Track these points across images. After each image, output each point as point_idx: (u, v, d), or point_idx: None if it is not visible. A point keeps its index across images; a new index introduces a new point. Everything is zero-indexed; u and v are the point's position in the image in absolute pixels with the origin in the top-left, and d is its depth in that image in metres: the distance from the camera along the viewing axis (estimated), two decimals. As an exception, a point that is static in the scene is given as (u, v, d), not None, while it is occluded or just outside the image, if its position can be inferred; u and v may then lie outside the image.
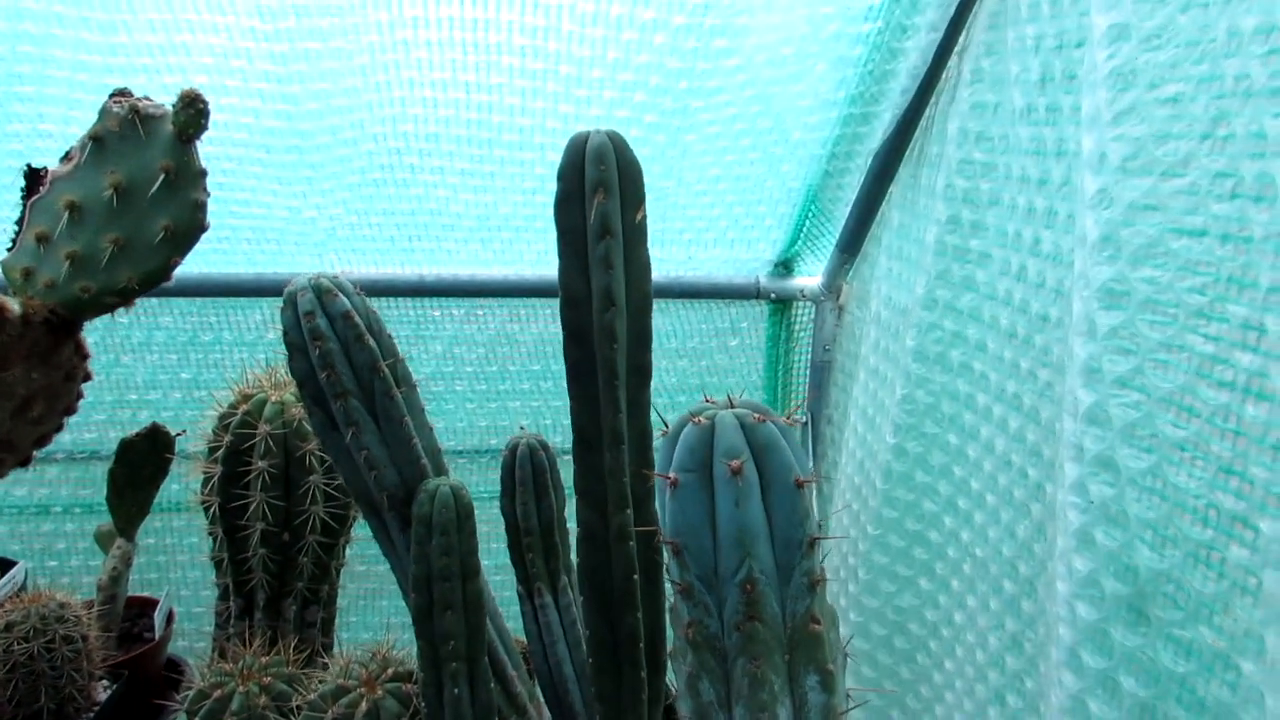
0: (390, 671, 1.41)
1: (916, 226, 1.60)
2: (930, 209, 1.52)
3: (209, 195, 0.94)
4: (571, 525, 1.64)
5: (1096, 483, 0.98)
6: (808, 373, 2.15)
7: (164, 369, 2.04)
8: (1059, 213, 1.19)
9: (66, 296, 0.91)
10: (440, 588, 1.22)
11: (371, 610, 2.14)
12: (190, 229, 0.92)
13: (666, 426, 0.79)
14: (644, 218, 1.14)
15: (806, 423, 2.17)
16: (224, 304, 2.04)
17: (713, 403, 0.79)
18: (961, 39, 1.48)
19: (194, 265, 1.98)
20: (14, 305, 0.86)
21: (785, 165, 1.78)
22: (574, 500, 1.23)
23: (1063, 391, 1.14)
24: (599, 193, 1.09)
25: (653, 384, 1.21)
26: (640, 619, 1.15)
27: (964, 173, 1.40)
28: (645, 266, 1.15)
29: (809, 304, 2.12)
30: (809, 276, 2.09)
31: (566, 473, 1.57)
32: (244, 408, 1.60)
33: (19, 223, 0.93)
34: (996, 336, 1.33)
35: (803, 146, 1.74)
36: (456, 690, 1.22)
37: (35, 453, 0.95)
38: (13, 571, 1.73)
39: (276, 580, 1.66)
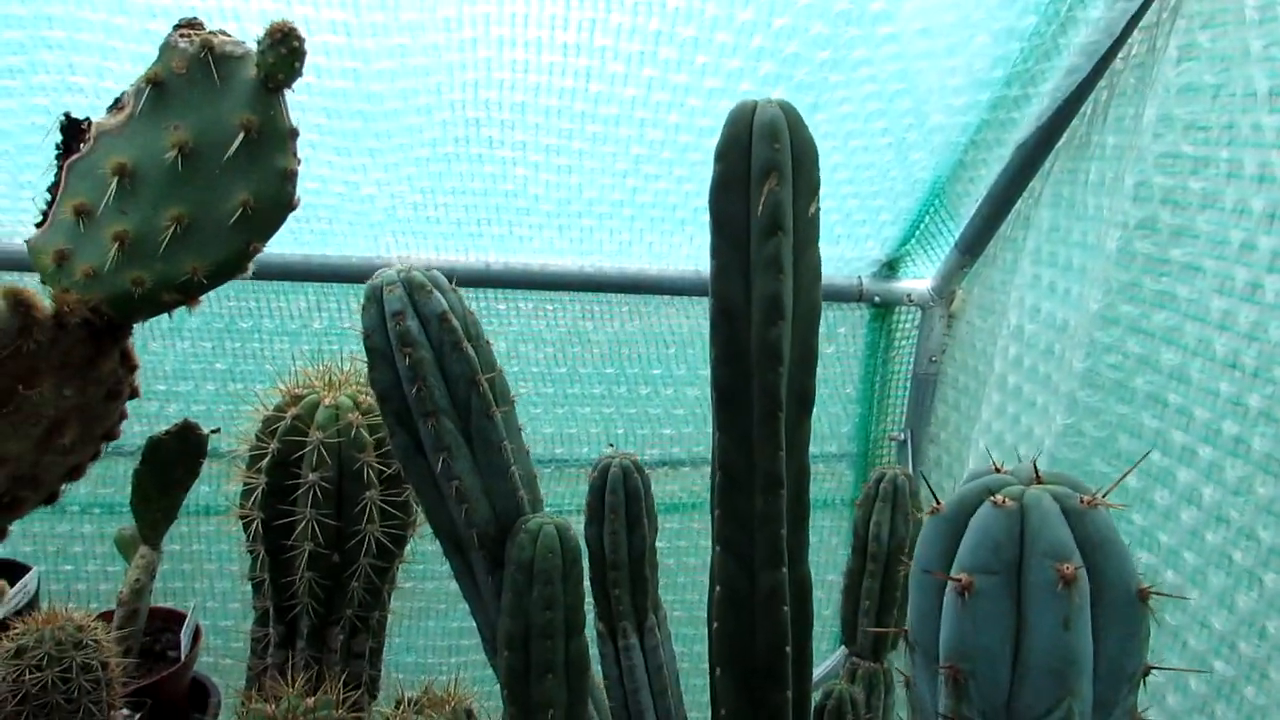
0: (462, 727, 1.21)
1: (1081, 229, 1.38)
2: (1107, 210, 1.29)
3: (300, 162, 0.73)
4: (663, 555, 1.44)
5: None
6: (908, 386, 1.94)
7: (196, 358, 1.83)
8: (1319, 221, 0.97)
9: (113, 291, 0.69)
10: (540, 647, 1.01)
11: (417, 631, 1.94)
12: (276, 206, 0.71)
13: (938, 501, 0.57)
14: (818, 211, 0.93)
15: (905, 440, 1.96)
16: (265, 288, 1.82)
17: (1003, 471, 0.57)
18: (1155, 9, 1.25)
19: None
20: (44, 302, 0.64)
21: (916, 153, 1.55)
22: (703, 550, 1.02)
23: (1328, 443, 0.93)
24: (770, 178, 0.88)
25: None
26: (789, 698, 0.95)
27: (1166, 168, 1.18)
28: (816, 270, 0.94)
29: (914, 310, 1.90)
30: (917, 279, 1.87)
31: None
32: (293, 411, 1.39)
33: (52, 190, 0.72)
34: (1207, 366, 1.11)
35: (940, 132, 1.52)
36: (555, 769, 1.01)
37: (64, 488, 0.73)
38: (25, 579, 1.53)
39: (324, 606, 1.45)
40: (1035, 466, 0.56)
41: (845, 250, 1.79)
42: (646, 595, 1.42)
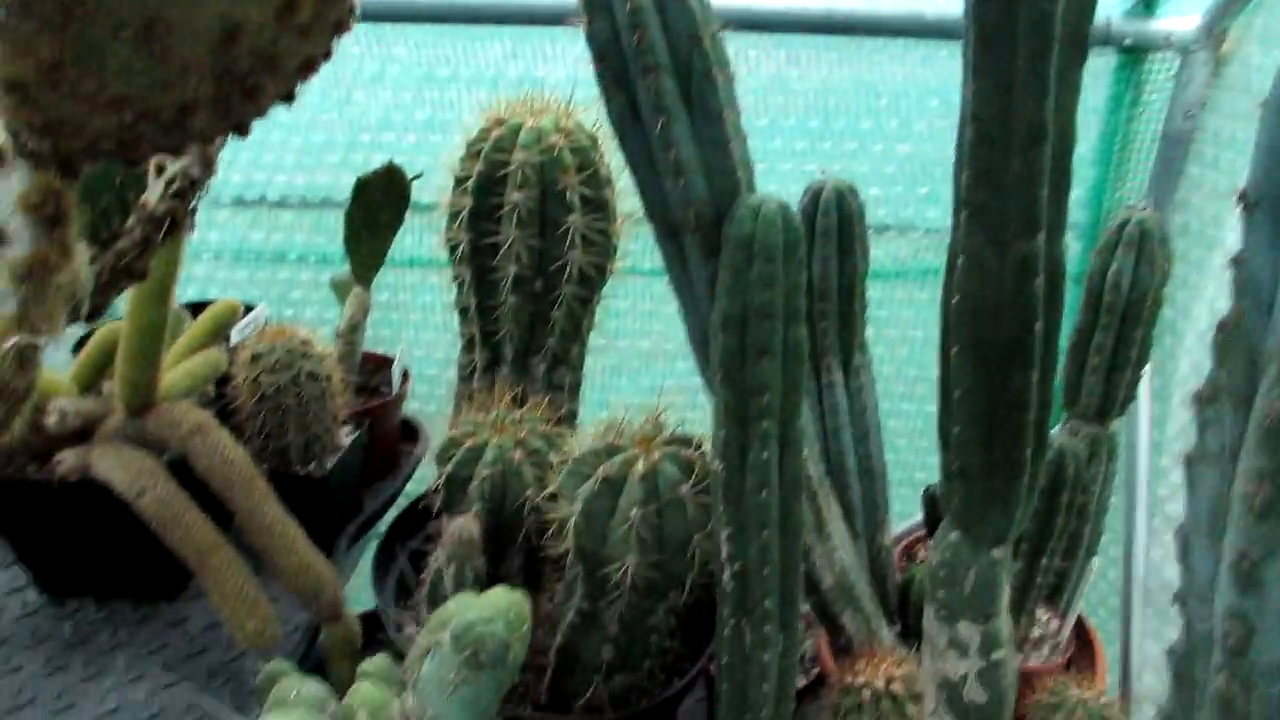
0: (666, 434, 1.20)
1: None
2: None
3: None
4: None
5: None
6: (1156, 146, 1.71)
7: (398, 108, 1.85)
8: None
9: None
10: (757, 328, 0.96)
11: (610, 388, 1.96)
12: None
13: None
14: None
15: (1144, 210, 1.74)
16: (460, 34, 1.80)
17: None
18: None
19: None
20: None
21: None
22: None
23: None
24: None
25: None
26: (1033, 381, 0.86)
27: None
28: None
29: (1173, 55, 1.65)
30: (1179, 16, 1.61)
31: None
32: (497, 133, 1.37)
33: None
34: None
35: None
36: (765, 454, 0.98)
37: (299, 84, 0.70)
38: (256, 311, 1.63)
39: (526, 334, 1.47)
40: None
41: (1093, -21, 1.56)
42: (854, 331, 1.35)
